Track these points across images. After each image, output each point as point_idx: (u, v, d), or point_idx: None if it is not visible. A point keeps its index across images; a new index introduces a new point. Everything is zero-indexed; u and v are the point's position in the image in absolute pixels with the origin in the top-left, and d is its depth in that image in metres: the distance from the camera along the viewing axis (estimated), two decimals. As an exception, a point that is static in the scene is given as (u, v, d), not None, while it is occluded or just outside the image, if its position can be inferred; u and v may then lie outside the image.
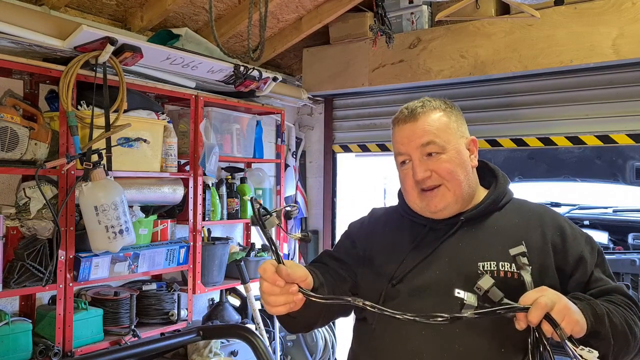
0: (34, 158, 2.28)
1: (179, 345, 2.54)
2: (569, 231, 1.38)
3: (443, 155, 1.37)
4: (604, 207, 4.39)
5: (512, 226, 1.39)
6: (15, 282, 2.23)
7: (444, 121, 1.40)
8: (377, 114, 3.98)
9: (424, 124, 1.39)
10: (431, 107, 1.42)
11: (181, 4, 2.99)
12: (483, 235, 1.39)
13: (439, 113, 1.41)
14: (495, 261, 1.33)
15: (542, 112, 3.32)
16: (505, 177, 1.49)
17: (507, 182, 1.48)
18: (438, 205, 1.38)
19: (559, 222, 1.40)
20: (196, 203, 3.02)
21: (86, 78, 2.44)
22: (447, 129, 1.40)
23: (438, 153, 1.37)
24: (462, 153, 1.40)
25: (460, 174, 1.38)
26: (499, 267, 1.32)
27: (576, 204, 4.45)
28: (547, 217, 1.41)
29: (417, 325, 1.27)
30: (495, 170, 1.51)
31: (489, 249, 1.35)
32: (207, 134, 3.07)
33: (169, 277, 3.16)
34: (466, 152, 1.42)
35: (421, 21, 3.50)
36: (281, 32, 3.66)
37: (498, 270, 1.31)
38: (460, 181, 1.38)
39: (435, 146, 1.37)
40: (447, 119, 1.41)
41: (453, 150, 1.38)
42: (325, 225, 4.24)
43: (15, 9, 2.24)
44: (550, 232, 1.36)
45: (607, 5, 2.84)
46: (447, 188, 1.37)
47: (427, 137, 1.38)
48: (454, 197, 1.38)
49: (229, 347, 2.95)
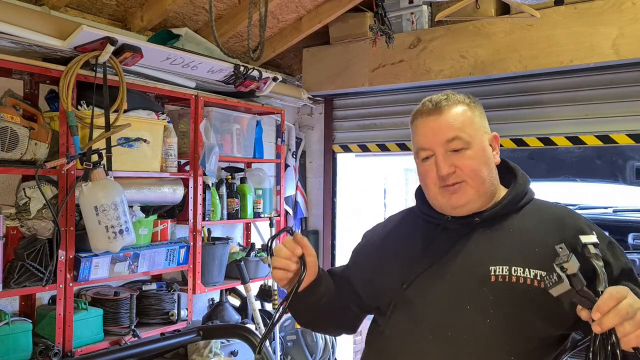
0: (34, 158, 2.28)
1: (179, 345, 2.54)
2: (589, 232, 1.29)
3: (468, 152, 1.33)
4: (604, 207, 4.39)
5: (529, 230, 1.33)
6: (15, 282, 2.23)
7: (469, 115, 1.36)
8: (377, 114, 3.98)
9: (449, 117, 1.34)
10: (455, 100, 1.37)
11: (181, 4, 2.99)
12: (498, 237, 1.34)
13: (463, 107, 1.37)
14: (508, 266, 1.27)
15: (542, 112, 3.32)
16: (524, 177, 1.43)
17: (527, 182, 1.42)
18: (460, 201, 1.34)
19: (580, 226, 1.31)
20: (196, 203, 3.02)
21: (86, 78, 2.44)
22: (472, 124, 1.36)
23: (463, 149, 1.33)
24: (486, 149, 1.37)
25: (484, 171, 1.34)
26: (511, 272, 1.26)
27: (576, 204, 4.45)
28: (569, 220, 1.34)
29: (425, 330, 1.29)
30: (515, 169, 1.45)
31: (502, 252, 1.30)
32: (207, 134, 3.07)
33: (169, 277, 3.16)
34: (489, 149, 1.38)
35: (421, 21, 3.50)
36: (281, 32, 3.66)
37: (510, 275, 1.26)
38: (483, 178, 1.34)
39: (460, 142, 1.33)
40: (471, 113, 1.37)
41: (478, 146, 1.34)
42: (325, 225, 4.24)
43: (15, 9, 2.24)
44: (570, 237, 1.26)
45: (607, 5, 2.84)
46: (469, 185, 1.33)
47: (452, 132, 1.33)
48: (477, 193, 1.34)
49: (229, 347, 2.95)
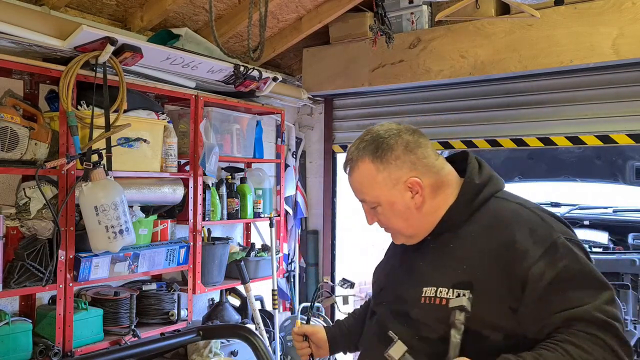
0: (34, 158, 2.28)
1: (179, 345, 2.53)
2: (521, 245, 1.21)
3: (379, 208, 1.38)
4: (604, 207, 4.39)
5: (469, 245, 1.29)
6: (15, 282, 2.23)
7: (370, 174, 1.35)
8: (377, 114, 3.98)
9: (355, 182, 1.40)
10: (359, 158, 1.37)
11: (181, 4, 2.99)
12: (438, 254, 1.34)
13: (365, 165, 1.36)
14: (436, 287, 1.27)
15: (542, 112, 3.32)
16: (470, 186, 1.35)
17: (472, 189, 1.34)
18: (398, 242, 1.45)
19: (512, 235, 1.23)
20: (196, 203, 3.02)
21: (86, 78, 2.44)
22: (375, 183, 1.35)
23: (375, 207, 1.38)
24: (396, 203, 1.35)
25: (399, 222, 1.37)
26: (436, 294, 1.27)
27: (576, 204, 4.45)
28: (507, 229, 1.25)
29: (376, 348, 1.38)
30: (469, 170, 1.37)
31: (434, 272, 1.31)
32: (207, 134, 3.07)
33: (169, 277, 3.16)
34: (405, 197, 1.34)
35: (421, 21, 3.50)
36: (281, 32, 3.66)
37: (435, 297, 1.26)
38: (402, 227, 1.38)
39: (369, 202, 1.39)
40: (375, 171, 1.35)
41: (385, 203, 1.36)
42: (325, 225, 4.24)
43: (15, 9, 2.24)
44: (500, 248, 1.23)
45: (607, 5, 2.84)
46: (396, 231, 1.41)
47: (360, 195, 1.41)
48: (408, 237, 1.41)
49: (229, 347, 2.95)
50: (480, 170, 1.38)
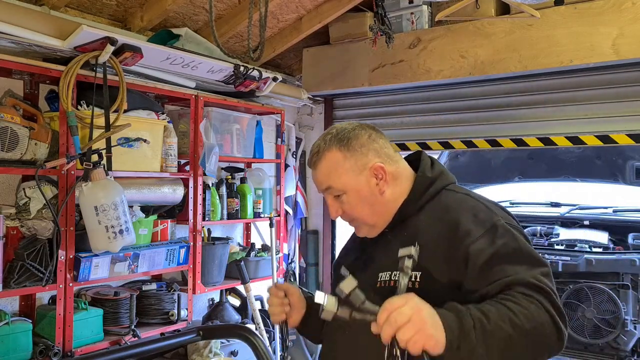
0: (34, 158, 2.28)
1: (179, 345, 2.53)
2: (464, 226, 1.29)
3: (344, 196, 1.42)
4: (604, 207, 4.38)
5: (421, 232, 1.36)
6: (15, 282, 2.23)
7: (339, 163, 1.41)
8: (377, 114, 3.98)
9: (321, 172, 1.44)
10: (326, 148, 1.43)
11: (181, 4, 2.99)
12: (394, 242, 1.39)
13: (333, 153, 1.42)
14: (390, 271, 1.35)
15: (542, 112, 3.32)
16: (422, 179, 1.43)
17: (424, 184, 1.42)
18: (361, 234, 1.48)
19: (456, 218, 1.32)
20: (196, 203, 3.02)
21: (86, 78, 2.44)
22: (342, 171, 1.41)
23: (340, 195, 1.42)
24: (362, 190, 1.41)
25: (365, 209, 1.42)
26: (391, 277, 1.34)
27: (576, 204, 4.44)
28: (453, 213, 1.34)
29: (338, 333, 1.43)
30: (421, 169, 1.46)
31: (390, 259, 1.33)
32: (207, 134, 3.07)
33: (169, 277, 3.16)
34: (370, 183, 1.41)
35: (421, 21, 3.50)
36: (281, 32, 3.66)
37: (390, 280, 1.34)
38: (367, 214, 1.43)
39: (334, 190, 1.42)
40: (342, 158, 1.41)
41: (351, 189, 1.41)
42: (325, 225, 4.24)
43: (15, 9, 2.24)
44: (446, 231, 1.31)
45: (607, 5, 2.85)
46: (359, 221, 1.45)
47: (324, 183, 1.44)
48: (370, 227, 1.45)
49: (229, 347, 2.95)
50: (432, 166, 1.48)
